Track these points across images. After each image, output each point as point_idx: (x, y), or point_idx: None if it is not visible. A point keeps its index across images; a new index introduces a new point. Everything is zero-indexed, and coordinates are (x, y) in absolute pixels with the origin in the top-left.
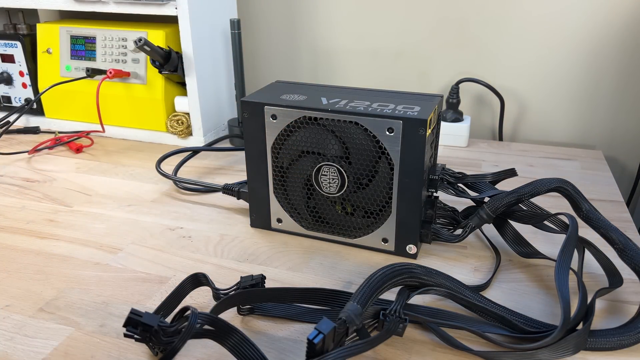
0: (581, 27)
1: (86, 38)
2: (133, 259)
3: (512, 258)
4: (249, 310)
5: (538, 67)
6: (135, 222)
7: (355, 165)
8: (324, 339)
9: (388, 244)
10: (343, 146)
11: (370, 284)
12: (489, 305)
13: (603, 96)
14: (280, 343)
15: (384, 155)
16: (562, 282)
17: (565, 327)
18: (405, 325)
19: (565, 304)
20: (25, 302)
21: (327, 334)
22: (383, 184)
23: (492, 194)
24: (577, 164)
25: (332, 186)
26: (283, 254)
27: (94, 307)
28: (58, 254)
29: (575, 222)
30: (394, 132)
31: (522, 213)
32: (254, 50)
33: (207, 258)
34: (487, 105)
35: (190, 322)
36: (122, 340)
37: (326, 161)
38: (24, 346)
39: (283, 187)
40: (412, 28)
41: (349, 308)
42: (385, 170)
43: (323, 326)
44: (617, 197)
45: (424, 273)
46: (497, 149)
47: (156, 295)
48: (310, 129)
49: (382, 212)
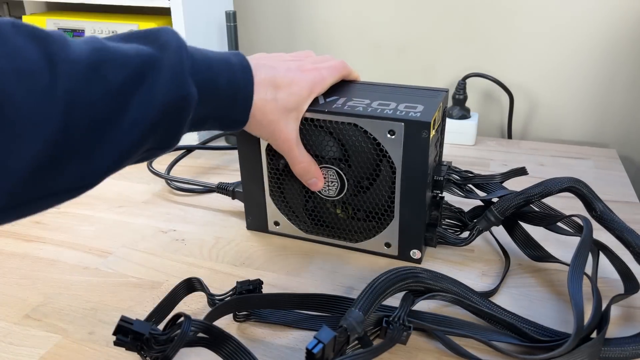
0: (595, 20)
1: (74, 31)
2: (124, 263)
3: (522, 262)
4: (245, 317)
5: (549, 62)
6: (126, 224)
7: (355, 168)
8: (324, 348)
9: (391, 248)
10: (342, 148)
11: (373, 290)
12: (498, 312)
13: (617, 92)
14: (277, 351)
15: (385, 158)
16: (575, 289)
17: (578, 336)
18: (409, 333)
19: (578, 313)
20: (11, 309)
21: (327, 343)
22: (385, 188)
23: (501, 194)
24: (590, 163)
25: (331, 189)
26: (281, 258)
27: (82, 313)
28: (45, 257)
29: (590, 225)
30: (395, 135)
31: (533, 214)
32: (251, 43)
33: (202, 262)
34: (496, 101)
35: (183, 329)
36: (112, 348)
37: (324, 163)
38: (9, 355)
39: (280, 190)
40: (417, 20)
41: (351, 315)
42: (387, 173)
43: (323, 335)
44: (632, 198)
45: (430, 277)
46: (506, 148)
47: (148, 301)
48: (306, 130)
49: (384, 216)
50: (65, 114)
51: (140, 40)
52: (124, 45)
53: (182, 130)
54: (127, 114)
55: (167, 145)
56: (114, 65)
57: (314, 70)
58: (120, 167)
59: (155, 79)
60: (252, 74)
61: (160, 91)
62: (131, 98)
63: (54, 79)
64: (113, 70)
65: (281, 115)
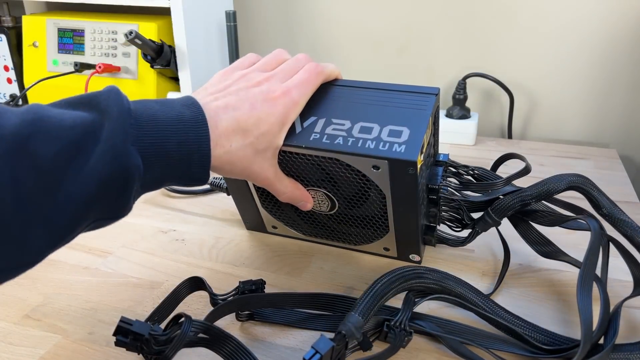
0: (595, 19)
1: (74, 31)
2: (123, 263)
3: (522, 262)
4: (247, 316)
5: (549, 61)
6: (125, 224)
7: (344, 192)
8: (321, 359)
9: (390, 252)
10: (327, 176)
11: (374, 293)
12: (501, 317)
13: (618, 92)
14: (278, 351)
15: (373, 186)
16: (584, 302)
17: (585, 349)
18: (411, 338)
19: (587, 329)
20: (10, 309)
21: (324, 354)
22: (376, 209)
23: (503, 192)
24: (590, 163)
25: (322, 206)
26: (281, 258)
27: (82, 313)
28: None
29: (598, 229)
30: (380, 169)
31: (539, 214)
32: (251, 43)
33: (201, 262)
34: (496, 101)
35: (182, 330)
36: (112, 348)
37: (311, 186)
38: (9, 355)
39: (272, 203)
40: (417, 20)
41: (350, 320)
42: (377, 198)
43: (320, 345)
44: (632, 198)
45: (433, 277)
46: (506, 148)
47: (147, 301)
48: (287, 161)
49: (379, 230)
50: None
51: (84, 106)
52: (65, 113)
53: (129, 200)
54: (60, 190)
55: (115, 215)
56: (45, 138)
57: (284, 96)
58: (60, 244)
59: (92, 151)
60: (207, 133)
61: (98, 164)
62: (64, 173)
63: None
64: (44, 143)
65: (253, 160)
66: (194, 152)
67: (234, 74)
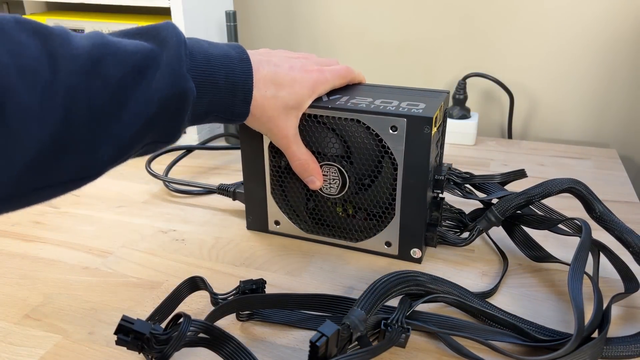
0: (595, 19)
1: (74, 31)
2: (123, 263)
3: (522, 262)
4: (248, 316)
5: (549, 62)
6: (125, 224)
7: (357, 165)
8: (327, 341)
9: (391, 247)
10: (344, 145)
11: (375, 291)
12: (498, 313)
13: (617, 92)
14: (278, 351)
15: (387, 154)
16: (575, 290)
17: (579, 336)
18: (408, 335)
19: (579, 313)
20: (10, 309)
21: (330, 336)
22: (386, 185)
23: (501, 195)
24: (590, 163)
25: (332, 187)
26: (281, 258)
27: (82, 313)
28: (45, 257)
29: (589, 228)
30: (397, 131)
31: (532, 217)
32: (251, 44)
33: (201, 262)
34: (496, 101)
35: (181, 329)
36: (112, 348)
37: (326, 161)
38: (9, 355)
39: (281, 188)
40: (417, 20)
41: (353, 313)
42: (389, 170)
43: (326, 329)
44: (632, 198)
45: (430, 281)
46: (506, 148)
47: (148, 301)
48: (309, 127)
49: (385, 214)
50: (66, 108)
51: (142, 36)
52: (125, 41)
53: (181, 124)
54: (126, 108)
55: (169, 138)
56: (113, 61)
57: (318, 72)
58: (121, 159)
59: (153, 75)
60: (251, 69)
61: (158, 87)
62: (130, 93)
63: (55, 75)
64: (113, 66)
65: (281, 112)
66: (238, 86)
67: (277, 50)
